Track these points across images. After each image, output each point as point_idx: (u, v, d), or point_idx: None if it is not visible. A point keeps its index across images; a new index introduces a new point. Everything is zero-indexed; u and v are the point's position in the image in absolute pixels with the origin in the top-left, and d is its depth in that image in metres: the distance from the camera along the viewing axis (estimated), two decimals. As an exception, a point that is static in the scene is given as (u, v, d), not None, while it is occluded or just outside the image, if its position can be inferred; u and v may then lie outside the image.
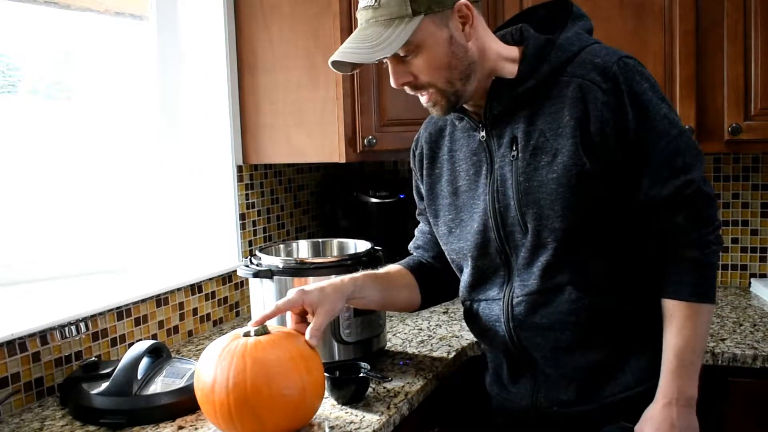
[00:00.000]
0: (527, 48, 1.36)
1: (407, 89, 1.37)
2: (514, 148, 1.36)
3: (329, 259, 1.87)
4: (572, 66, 1.32)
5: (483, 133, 1.40)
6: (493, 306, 1.44)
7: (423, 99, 1.38)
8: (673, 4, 1.99)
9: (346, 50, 1.31)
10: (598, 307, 1.34)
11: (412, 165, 1.60)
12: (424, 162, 1.55)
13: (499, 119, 1.38)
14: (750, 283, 2.38)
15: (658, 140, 1.29)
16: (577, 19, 1.40)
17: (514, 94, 1.35)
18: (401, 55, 1.31)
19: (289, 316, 1.43)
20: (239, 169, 2.23)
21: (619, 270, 1.36)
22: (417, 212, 1.65)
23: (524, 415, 1.46)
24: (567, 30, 1.37)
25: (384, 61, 1.32)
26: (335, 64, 1.34)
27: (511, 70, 1.36)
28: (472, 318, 1.51)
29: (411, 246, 1.69)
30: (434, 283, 1.61)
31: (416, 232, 1.69)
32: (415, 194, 1.63)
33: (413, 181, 1.62)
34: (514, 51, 1.38)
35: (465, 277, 1.50)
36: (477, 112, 1.42)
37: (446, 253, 1.54)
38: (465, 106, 1.41)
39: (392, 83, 1.35)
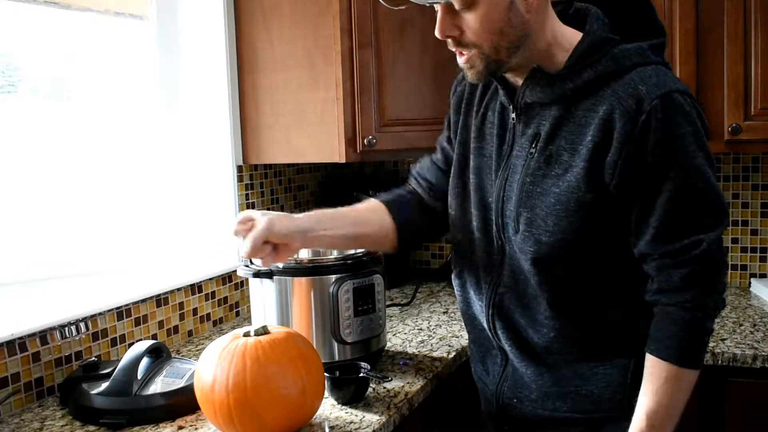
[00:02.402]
0: (581, 44, 1.25)
1: (450, 43, 1.27)
2: (534, 145, 1.29)
3: (329, 258, 1.87)
4: (617, 83, 1.21)
5: (513, 116, 1.34)
6: (482, 285, 1.41)
7: (461, 60, 1.28)
8: (673, 4, 1.99)
9: None
10: (570, 328, 1.31)
11: (450, 97, 1.51)
12: (463, 102, 1.47)
13: (530, 107, 1.31)
14: (750, 283, 2.38)
15: (677, 190, 1.19)
16: (651, 34, 1.28)
17: (549, 91, 1.27)
18: (456, 7, 1.21)
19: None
20: (239, 169, 2.23)
21: (597, 298, 1.30)
22: (439, 138, 1.55)
23: (491, 404, 1.45)
24: (634, 41, 1.25)
25: (435, 8, 1.25)
26: None
27: (560, 59, 1.26)
28: (462, 286, 1.48)
29: (412, 169, 1.61)
30: (415, 220, 1.54)
31: (427, 157, 1.60)
32: (445, 121, 1.54)
33: (448, 112, 1.52)
34: (571, 38, 1.28)
35: (465, 244, 1.44)
36: (514, 88, 1.34)
37: (449, 190, 1.47)
38: (507, 78, 1.34)
39: (437, 33, 1.25)
